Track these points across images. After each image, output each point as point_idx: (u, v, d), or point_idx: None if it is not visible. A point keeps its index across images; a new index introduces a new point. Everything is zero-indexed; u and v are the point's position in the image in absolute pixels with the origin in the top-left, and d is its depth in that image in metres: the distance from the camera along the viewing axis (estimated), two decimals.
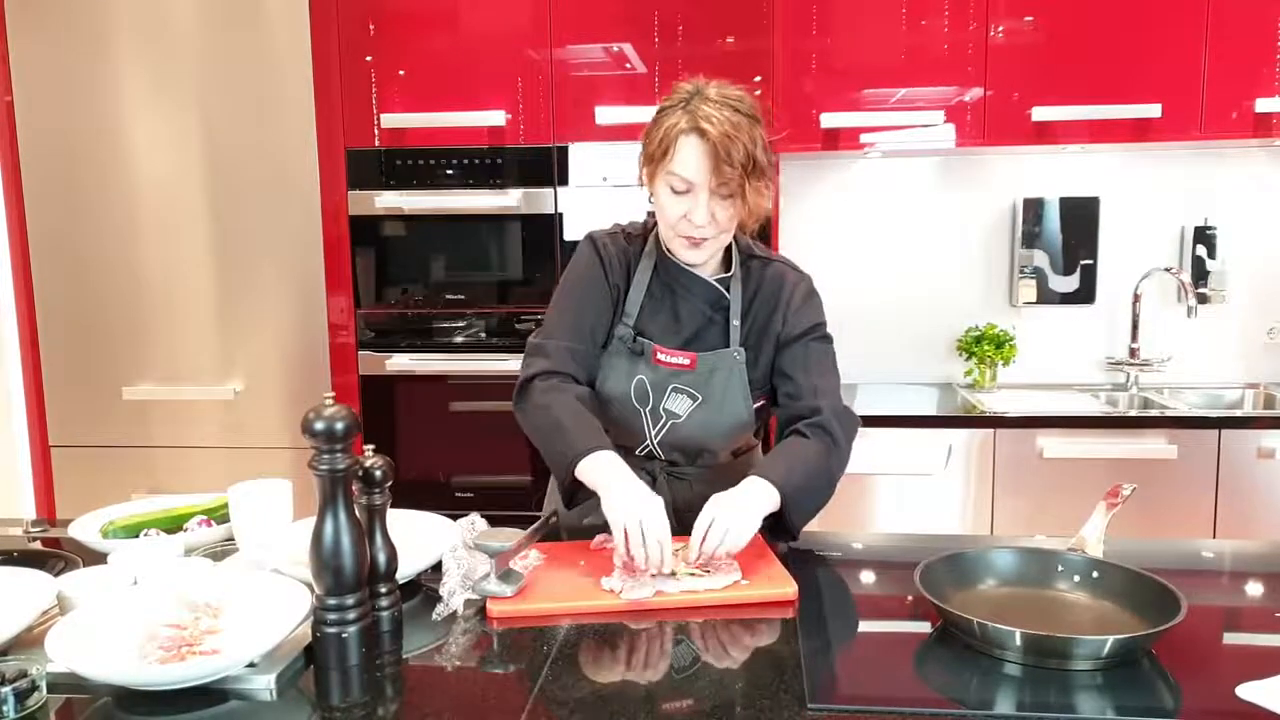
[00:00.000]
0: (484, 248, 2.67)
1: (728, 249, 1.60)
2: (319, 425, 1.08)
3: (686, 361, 1.55)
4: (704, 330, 1.58)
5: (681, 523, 1.40)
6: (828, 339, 1.60)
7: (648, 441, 1.59)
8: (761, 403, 1.61)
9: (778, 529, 1.47)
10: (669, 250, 1.55)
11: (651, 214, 1.58)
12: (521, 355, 1.60)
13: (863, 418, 2.59)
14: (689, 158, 1.43)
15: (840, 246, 3.12)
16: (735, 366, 1.56)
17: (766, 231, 2.53)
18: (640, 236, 1.62)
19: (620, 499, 1.34)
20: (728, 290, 1.57)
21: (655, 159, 1.47)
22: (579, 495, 1.48)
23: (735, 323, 1.57)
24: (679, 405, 1.56)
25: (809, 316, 1.58)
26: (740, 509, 1.36)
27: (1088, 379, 3.07)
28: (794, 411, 1.55)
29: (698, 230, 1.46)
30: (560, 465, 1.44)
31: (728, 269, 1.59)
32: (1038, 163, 3.02)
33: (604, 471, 1.39)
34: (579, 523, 1.61)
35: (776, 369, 1.58)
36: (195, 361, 2.75)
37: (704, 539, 1.32)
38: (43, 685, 0.99)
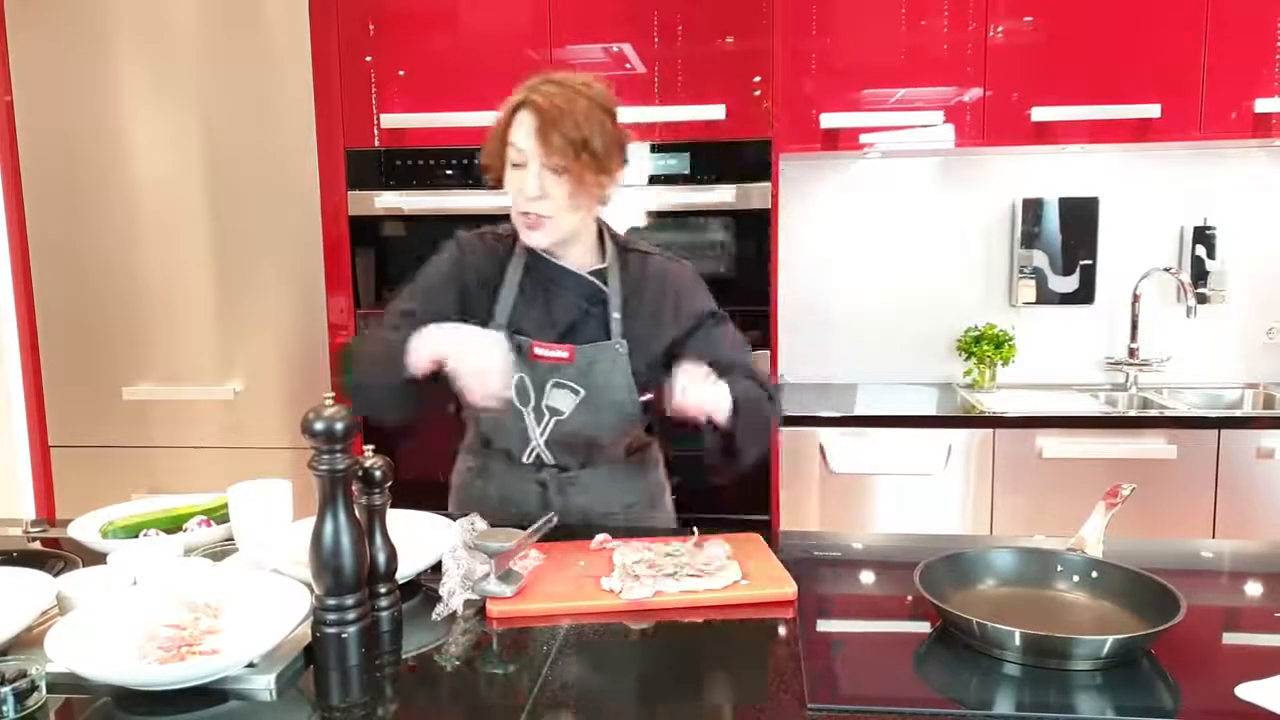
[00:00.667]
0: None
1: (601, 241, 1.61)
2: (319, 425, 1.08)
3: (565, 355, 1.55)
4: (581, 324, 1.57)
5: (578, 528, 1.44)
6: (724, 319, 1.61)
7: (535, 442, 1.59)
8: (649, 396, 1.59)
9: (724, 452, 1.47)
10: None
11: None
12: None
13: (863, 418, 2.66)
14: (521, 128, 1.45)
15: (840, 246, 3.12)
16: (617, 358, 1.55)
17: (766, 231, 2.53)
18: (510, 237, 1.61)
19: (451, 335, 1.40)
20: (604, 283, 1.58)
21: (499, 136, 1.49)
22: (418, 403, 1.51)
23: (615, 315, 1.56)
24: (561, 401, 1.56)
25: (699, 304, 1.59)
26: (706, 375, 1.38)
27: (1087, 379, 3.08)
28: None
29: (530, 203, 1.46)
30: (395, 362, 1.42)
31: (603, 262, 1.60)
32: (1037, 163, 3.02)
33: (434, 332, 1.41)
34: (580, 523, 1.62)
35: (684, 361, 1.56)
36: (195, 361, 2.75)
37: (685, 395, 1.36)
38: (42, 685, 0.99)
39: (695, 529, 1.49)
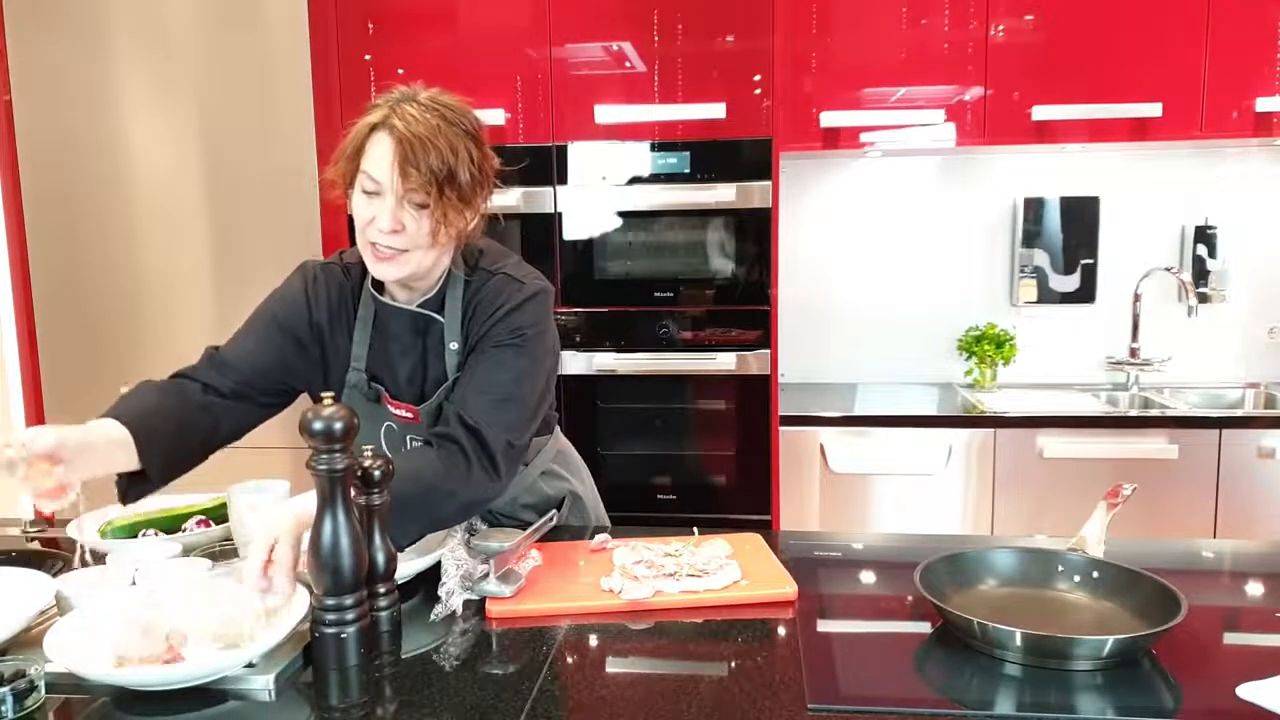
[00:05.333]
0: None
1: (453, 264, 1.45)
2: (317, 425, 1.08)
3: (410, 415, 1.44)
4: (428, 363, 1.44)
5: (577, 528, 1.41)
6: (517, 349, 1.38)
7: None
8: None
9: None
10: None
11: None
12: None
13: (863, 418, 2.65)
14: (377, 155, 1.31)
15: (840, 246, 3.12)
16: None
17: (766, 230, 2.53)
18: (360, 266, 1.47)
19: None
20: (439, 312, 1.43)
21: (350, 156, 1.35)
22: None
23: (453, 346, 1.42)
24: None
25: (509, 324, 1.39)
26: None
27: (1088, 379, 3.07)
28: (442, 421, 1.38)
29: (383, 238, 1.32)
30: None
31: (443, 287, 1.44)
32: (1038, 162, 3.02)
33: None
34: (579, 523, 1.61)
35: None
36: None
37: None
38: (41, 685, 0.99)
39: (695, 529, 1.48)
